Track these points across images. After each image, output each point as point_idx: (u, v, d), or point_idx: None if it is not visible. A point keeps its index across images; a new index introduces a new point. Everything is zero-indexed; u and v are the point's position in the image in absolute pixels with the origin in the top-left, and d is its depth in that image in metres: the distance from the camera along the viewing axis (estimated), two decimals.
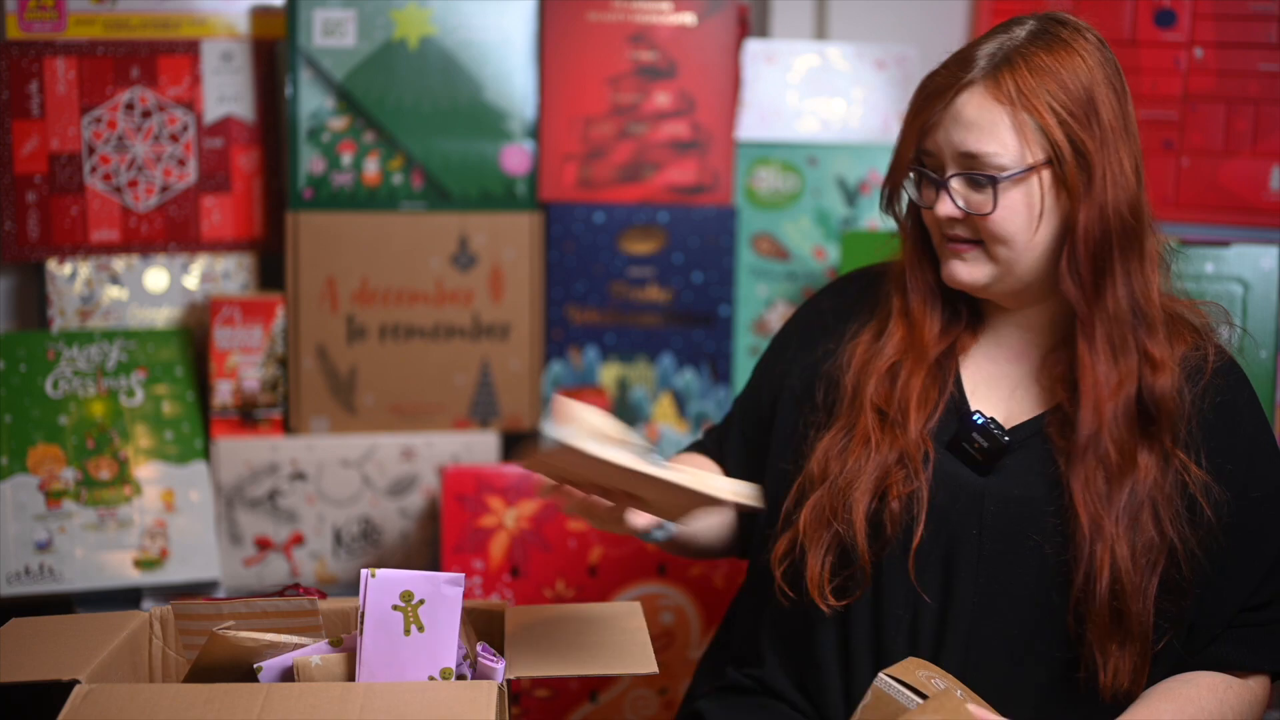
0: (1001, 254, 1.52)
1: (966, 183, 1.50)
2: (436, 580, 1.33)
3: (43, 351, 2.41)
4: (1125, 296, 1.51)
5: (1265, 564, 1.53)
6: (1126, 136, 1.51)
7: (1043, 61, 1.48)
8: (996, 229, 1.50)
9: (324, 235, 2.43)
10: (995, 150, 1.48)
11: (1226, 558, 1.50)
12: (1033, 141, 1.48)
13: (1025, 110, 1.47)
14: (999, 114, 1.48)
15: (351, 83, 2.43)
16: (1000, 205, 1.49)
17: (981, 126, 1.48)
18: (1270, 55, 2.36)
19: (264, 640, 1.34)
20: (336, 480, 2.45)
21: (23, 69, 2.38)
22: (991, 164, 1.48)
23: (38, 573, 2.32)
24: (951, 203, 1.51)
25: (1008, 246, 1.51)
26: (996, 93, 1.48)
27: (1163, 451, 1.50)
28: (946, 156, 1.51)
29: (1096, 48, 1.52)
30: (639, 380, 2.52)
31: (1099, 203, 1.49)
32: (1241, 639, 1.52)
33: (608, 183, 2.49)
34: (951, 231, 1.53)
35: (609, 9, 2.48)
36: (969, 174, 1.49)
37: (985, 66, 1.49)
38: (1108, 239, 1.50)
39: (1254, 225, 2.39)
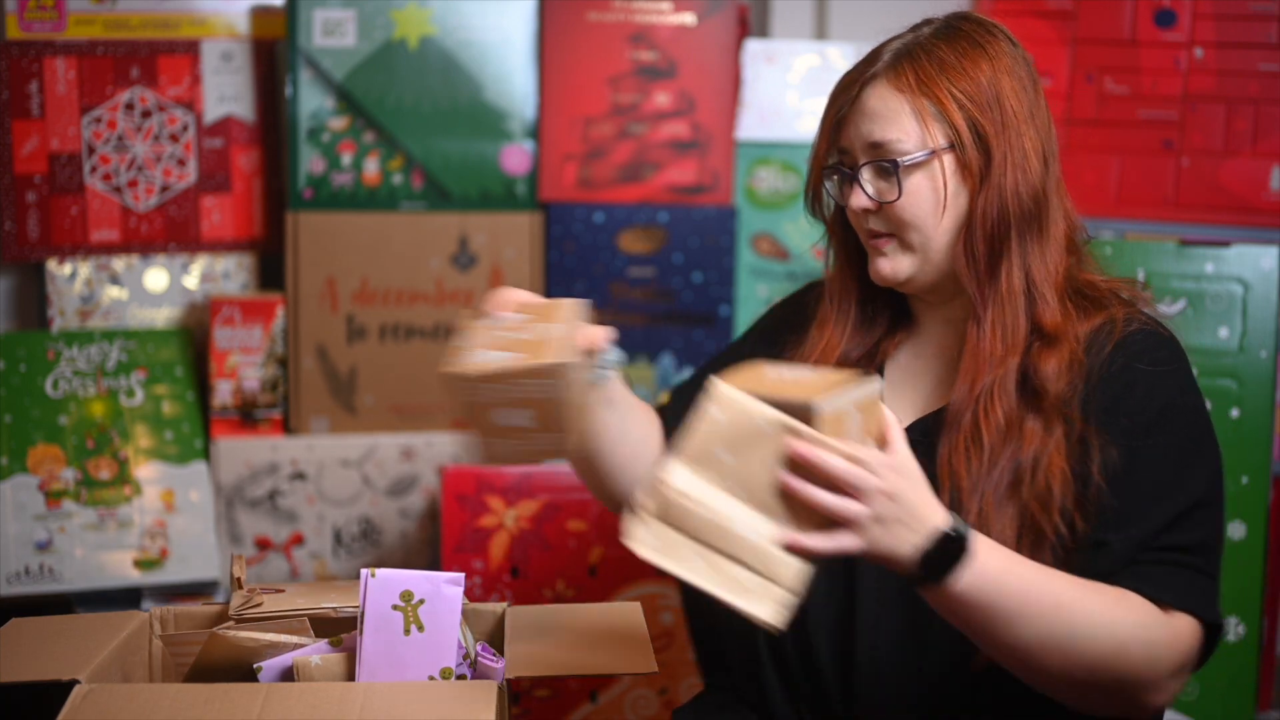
0: (915, 241, 1.54)
1: (875, 172, 1.54)
2: (436, 580, 1.33)
3: (43, 351, 2.41)
4: (1020, 278, 1.53)
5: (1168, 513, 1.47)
6: (1033, 125, 1.53)
7: (944, 53, 1.53)
8: (904, 215, 1.53)
9: (324, 235, 2.43)
10: (898, 137, 1.51)
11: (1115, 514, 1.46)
12: (934, 127, 1.52)
13: (925, 97, 1.52)
14: (900, 102, 1.52)
15: (351, 83, 2.43)
16: (905, 191, 1.52)
17: (884, 115, 1.52)
18: (1270, 55, 2.36)
19: (264, 640, 1.34)
20: (336, 480, 2.45)
21: (23, 69, 2.38)
22: (895, 150, 1.52)
23: (38, 573, 2.32)
24: (864, 194, 1.54)
25: (919, 232, 1.53)
26: (897, 82, 1.53)
27: (1049, 419, 1.49)
28: (857, 149, 1.55)
29: (1002, 41, 1.56)
30: (639, 380, 2.52)
31: (997, 187, 1.52)
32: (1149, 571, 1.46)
33: (608, 183, 2.49)
34: (869, 225, 1.56)
35: (609, 9, 2.48)
36: (876, 162, 1.53)
37: (888, 60, 1.54)
38: (1005, 222, 1.52)
39: (1254, 225, 2.39)
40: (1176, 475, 1.49)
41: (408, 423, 2.48)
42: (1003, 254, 1.52)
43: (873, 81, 1.54)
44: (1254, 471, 2.25)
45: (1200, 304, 2.28)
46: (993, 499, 1.46)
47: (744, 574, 1.28)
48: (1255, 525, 2.25)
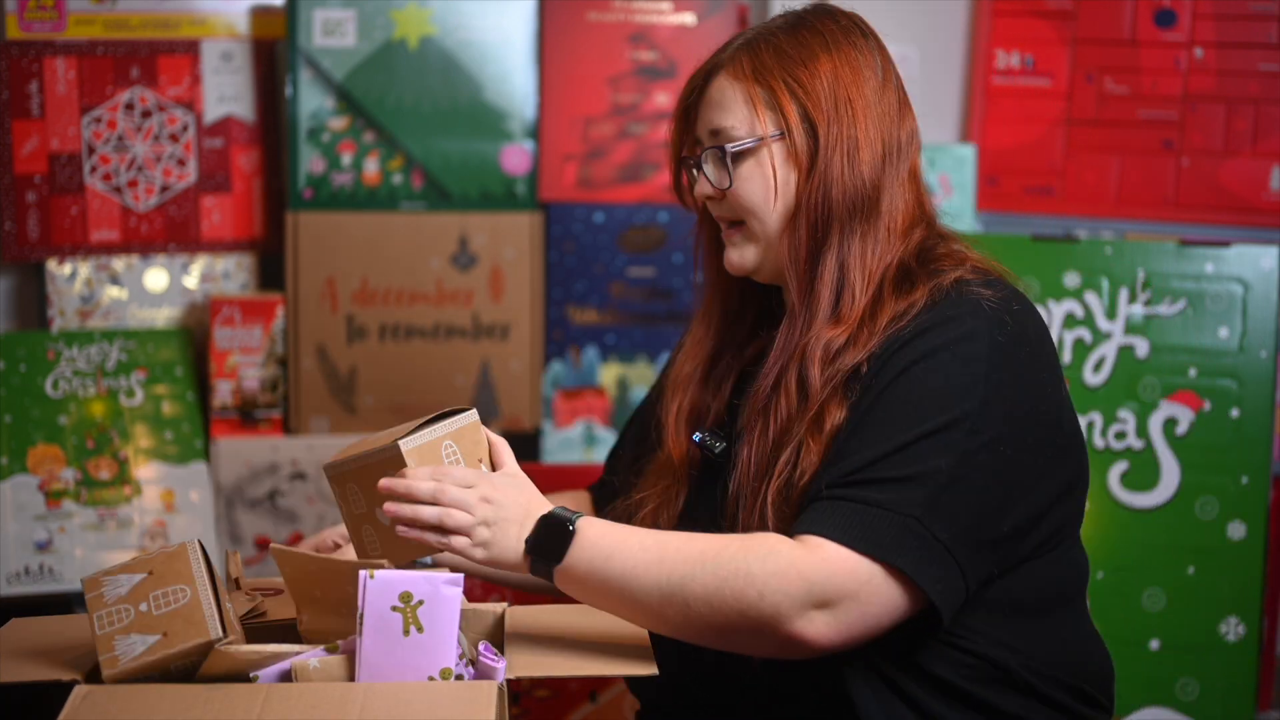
0: (756, 229, 1.54)
1: (713, 160, 1.55)
2: (435, 581, 1.33)
3: (43, 351, 2.41)
4: (834, 270, 1.51)
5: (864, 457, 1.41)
6: (871, 115, 1.52)
7: (782, 43, 1.54)
8: (738, 201, 1.54)
9: (324, 235, 2.44)
10: (732, 124, 1.53)
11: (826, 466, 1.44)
12: (765, 115, 1.52)
13: (759, 85, 1.52)
14: (736, 90, 1.53)
15: (351, 83, 2.43)
16: (737, 177, 1.52)
17: (722, 104, 1.54)
18: (1270, 55, 2.36)
19: (266, 652, 1.34)
20: None
21: (23, 69, 2.38)
22: (729, 138, 1.53)
23: (38, 573, 2.32)
24: (707, 182, 1.55)
25: (757, 219, 1.54)
26: (735, 71, 1.54)
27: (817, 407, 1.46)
28: (702, 139, 1.56)
29: (852, 33, 1.56)
30: (639, 380, 2.52)
31: (822, 176, 1.51)
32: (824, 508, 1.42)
33: (608, 183, 2.49)
34: (718, 213, 1.57)
35: (609, 9, 2.48)
36: (712, 148, 1.54)
37: (731, 51, 1.56)
38: (828, 212, 1.51)
39: (1254, 225, 2.39)
40: (886, 423, 1.42)
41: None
42: (824, 244, 1.51)
43: (716, 71, 1.56)
44: (1254, 471, 2.25)
45: (1200, 304, 2.28)
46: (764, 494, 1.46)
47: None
48: (1255, 525, 2.24)
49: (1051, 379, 1.47)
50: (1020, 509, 1.41)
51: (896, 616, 1.38)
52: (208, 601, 1.35)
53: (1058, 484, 1.45)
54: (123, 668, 1.33)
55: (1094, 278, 2.31)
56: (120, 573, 1.37)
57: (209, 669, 1.34)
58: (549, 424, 2.51)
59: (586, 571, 1.40)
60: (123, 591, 1.36)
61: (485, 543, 1.40)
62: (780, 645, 1.37)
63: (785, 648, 1.37)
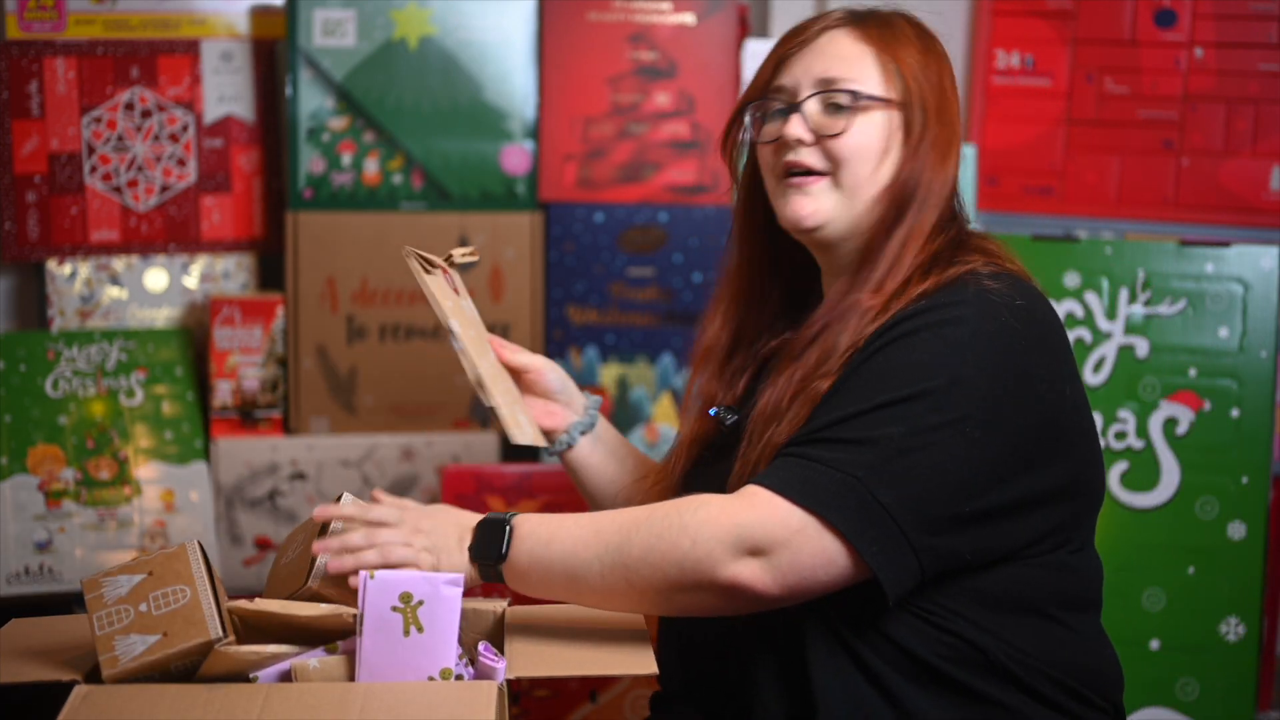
0: (847, 181, 1.51)
1: (823, 105, 1.52)
2: (435, 581, 1.33)
3: (43, 351, 2.41)
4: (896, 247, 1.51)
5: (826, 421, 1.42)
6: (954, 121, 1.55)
7: (903, 28, 1.56)
8: (845, 150, 1.50)
9: (324, 235, 2.43)
10: (856, 76, 1.51)
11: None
12: (892, 82, 1.52)
13: (888, 54, 1.52)
14: (864, 50, 1.53)
15: (351, 83, 2.43)
16: (855, 127, 1.50)
17: (845, 58, 1.52)
18: (1270, 55, 2.36)
19: (266, 652, 1.34)
20: (336, 480, 2.45)
21: (23, 69, 2.38)
22: (850, 88, 1.51)
23: (38, 573, 2.32)
24: (803, 123, 1.51)
25: (853, 172, 1.51)
26: (863, 35, 1.53)
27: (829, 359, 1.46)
28: (802, 85, 1.53)
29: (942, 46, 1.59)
30: (639, 380, 2.52)
31: (923, 161, 1.52)
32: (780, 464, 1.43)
33: (608, 183, 2.49)
34: (800, 158, 1.52)
35: (609, 9, 2.48)
36: (829, 92, 1.51)
37: (850, 16, 1.55)
38: (913, 195, 1.51)
39: (1254, 225, 2.39)
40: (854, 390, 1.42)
41: (408, 423, 2.48)
42: (899, 221, 1.51)
43: (833, 29, 1.54)
44: (1254, 471, 2.25)
45: (1200, 304, 2.28)
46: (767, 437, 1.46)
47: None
48: (1255, 525, 2.24)
49: (1052, 375, 1.45)
50: (991, 494, 1.39)
51: (835, 574, 1.37)
52: (207, 601, 1.35)
53: (1049, 481, 1.43)
54: (123, 668, 1.33)
55: (1094, 278, 2.31)
56: (120, 573, 1.38)
57: (209, 669, 1.34)
58: None
59: (529, 562, 1.43)
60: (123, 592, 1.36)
61: (434, 566, 1.41)
62: (721, 595, 1.38)
63: (727, 597, 1.38)
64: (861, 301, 1.48)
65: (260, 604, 1.36)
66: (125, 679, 1.33)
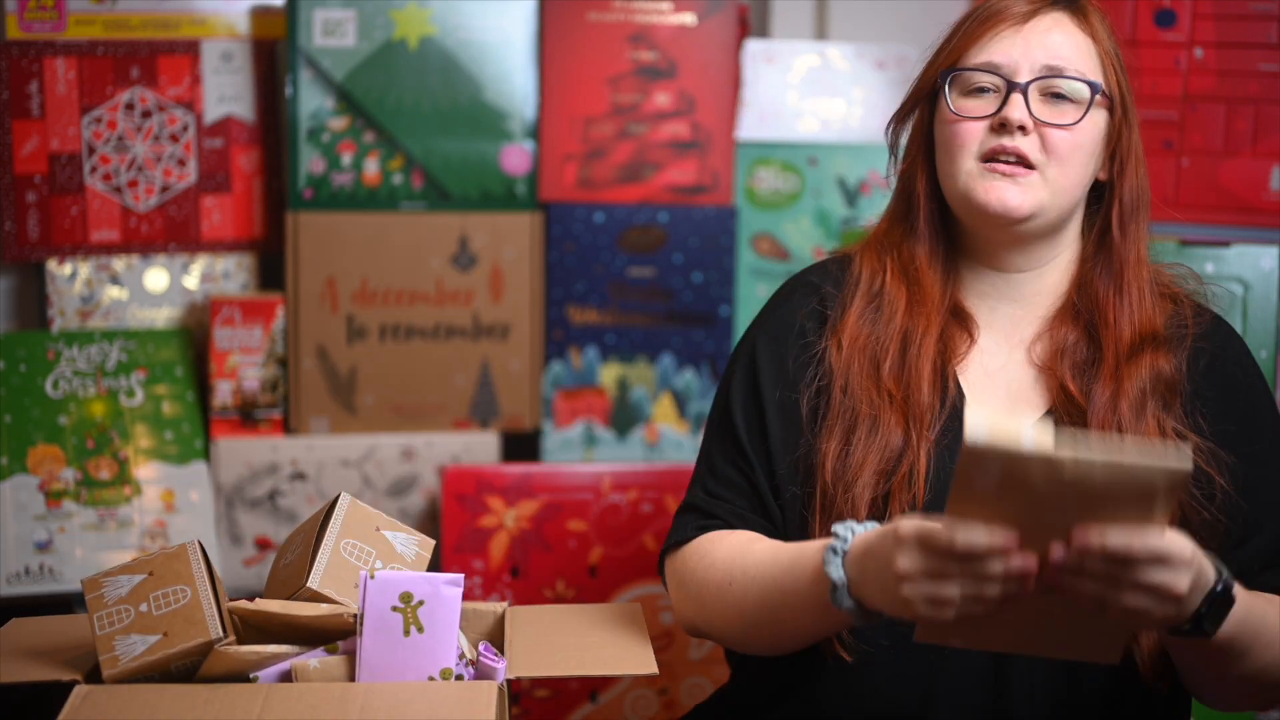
0: (1059, 178, 1.45)
1: (1048, 92, 1.45)
2: (435, 581, 1.33)
3: (43, 351, 2.41)
4: (1144, 258, 1.50)
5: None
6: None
7: (1102, 15, 1.51)
8: (1066, 145, 1.44)
9: (324, 235, 2.43)
10: (1083, 69, 1.46)
11: (1247, 515, 1.45)
12: (1108, 80, 1.48)
13: (1100, 48, 1.48)
14: (1084, 40, 1.48)
15: (351, 83, 2.43)
16: (1085, 121, 1.45)
17: (1073, 45, 1.46)
18: (1270, 55, 2.36)
19: (266, 652, 1.34)
20: (336, 480, 2.45)
21: (23, 69, 2.38)
22: (1089, 79, 1.45)
23: (38, 573, 2.32)
24: (1026, 108, 1.44)
25: (1067, 170, 1.45)
26: (1082, 22, 1.48)
27: (1161, 422, 1.45)
28: (1023, 67, 1.45)
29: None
30: (639, 380, 2.52)
31: (1137, 158, 1.50)
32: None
33: (608, 183, 2.49)
34: (1010, 144, 1.44)
35: (609, 9, 2.48)
36: (1063, 77, 1.44)
37: (1071, 3, 1.49)
38: (1140, 198, 1.50)
39: (1254, 225, 2.39)
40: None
41: (408, 423, 2.48)
42: (1132, 230, 1.49)
43: (1052, 10, 1.48)
44: None
45: None
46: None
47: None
48: None
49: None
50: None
51: None
52: (208, 601, 1.35)
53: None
54: (123, 668, 1.33)
55: None
56: (120, 573, 1.38)
57: (209, 669, 1.34)
58: (549, 424, 2.51)
59: (1223, 641, 1.30)
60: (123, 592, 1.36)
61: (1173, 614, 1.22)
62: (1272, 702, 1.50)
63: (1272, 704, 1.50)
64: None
65: (260, 604, 1.36)
66: (125, 679, 1.33)
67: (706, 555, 1.50)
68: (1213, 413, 1.47)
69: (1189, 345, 1.49)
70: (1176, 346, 1.49)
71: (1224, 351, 1.51)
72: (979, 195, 1.46)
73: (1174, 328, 1.50)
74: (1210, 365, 1.49)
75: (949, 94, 1.49)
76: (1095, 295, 1.50)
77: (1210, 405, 1.47)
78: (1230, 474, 1.44)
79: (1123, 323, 1.48)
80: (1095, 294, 1.50)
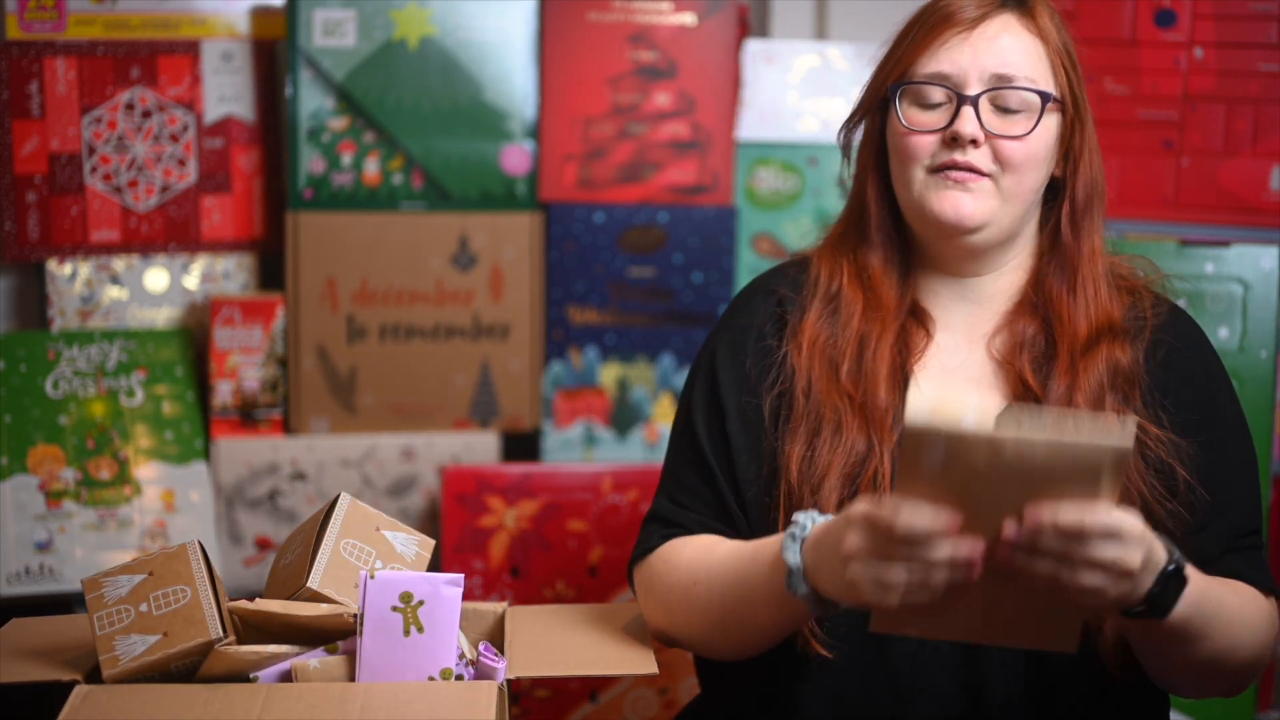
0: (1012, 188, 1.45)
1: (997, 103, 1.45)
2: (435, 581, 1.33)
3: (43, 351, 2.41)
4: (1098, 256, 1.51)
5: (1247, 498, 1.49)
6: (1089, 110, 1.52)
7: (1052, 10, 1.50)
8: (1022, 155, 1.44)
9: (324, 235, 2.43)
10: (1033, 76, 1.45)
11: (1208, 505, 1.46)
12: (1058, 80, 1.48)
13: (1050, 48, 1.47)
14: (1033, 42, 1.46)
15: (351, 83, 2.43)
16: (1037, 130, 1.44)
17: (1022, 50, 1.45)
18: (1270, 55, 2.36)
19: (265, 652, 1.34)
20: (336, 480, 2.45)
21: (23, 69, 2.38)
22: (1038, 89, 1.44)
23: (38, 573, 2.32)
24: (977, 123, 1.43)
25: (1020, 178, 1.45)
26: (1030, 23, 1.47)
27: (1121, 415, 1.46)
28: (972, 77, 1.44)
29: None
30: (639, 380, 2.52)
31: (1091, 152, 1.49)
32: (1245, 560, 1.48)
33: (608, 183, 2.49)
34: (963, 159, 1.44)
35: (609, 9, 2.48)
36: (1013, 88, 1.43)
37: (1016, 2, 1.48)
38: (1092, 196, 1.50)
39: (1254, 225, 2.39)
40: (1243, 457, 1.50)
41: (408, 423, 2.48)
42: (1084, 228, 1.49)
43: (999, 14, 1.46)
44: None
45: (1200, 304, 2.28)
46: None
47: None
48: None
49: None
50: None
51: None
52: (208, 601, 1.35)
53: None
54: (123, 668, 1.33)
55: None
56: (120, 573, 1.38)
57: (209, 669, 1.34)
58: (549, 424, 2.51)
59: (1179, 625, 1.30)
60: (123, 592, 1.36)
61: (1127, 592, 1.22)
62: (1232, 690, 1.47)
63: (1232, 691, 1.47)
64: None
65: (260, 604, 1.36)
66: (125, 679, 1.33)
67: (670, 559, 1.51)
68: (1173, 403, 1.48)
69: (1147, 337, 1.50)
70: (1134, 338, 1.50)
71: (1182, 341, 1.51)
72: (932, 205, 1.46)
73: (1132, 320, 1.51)
74: (1169, 356, 1.50)
75: (899, 106, 1.48)
76: (1049, 293, 1.50)
77: (1170, 396, 1.48)
78: (1191, 464, 1.46)
79: (1078, 319, 1.48)
80: (1049, 292, 1.51)
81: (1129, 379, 1.47)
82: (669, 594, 1.50)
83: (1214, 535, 1.46)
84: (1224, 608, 1.37)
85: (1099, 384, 1.46)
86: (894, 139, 1.50)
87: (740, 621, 1.43)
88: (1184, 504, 1.45)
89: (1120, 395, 1.47)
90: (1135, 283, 1.55)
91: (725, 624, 1.45)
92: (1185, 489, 1.45)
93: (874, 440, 1.44)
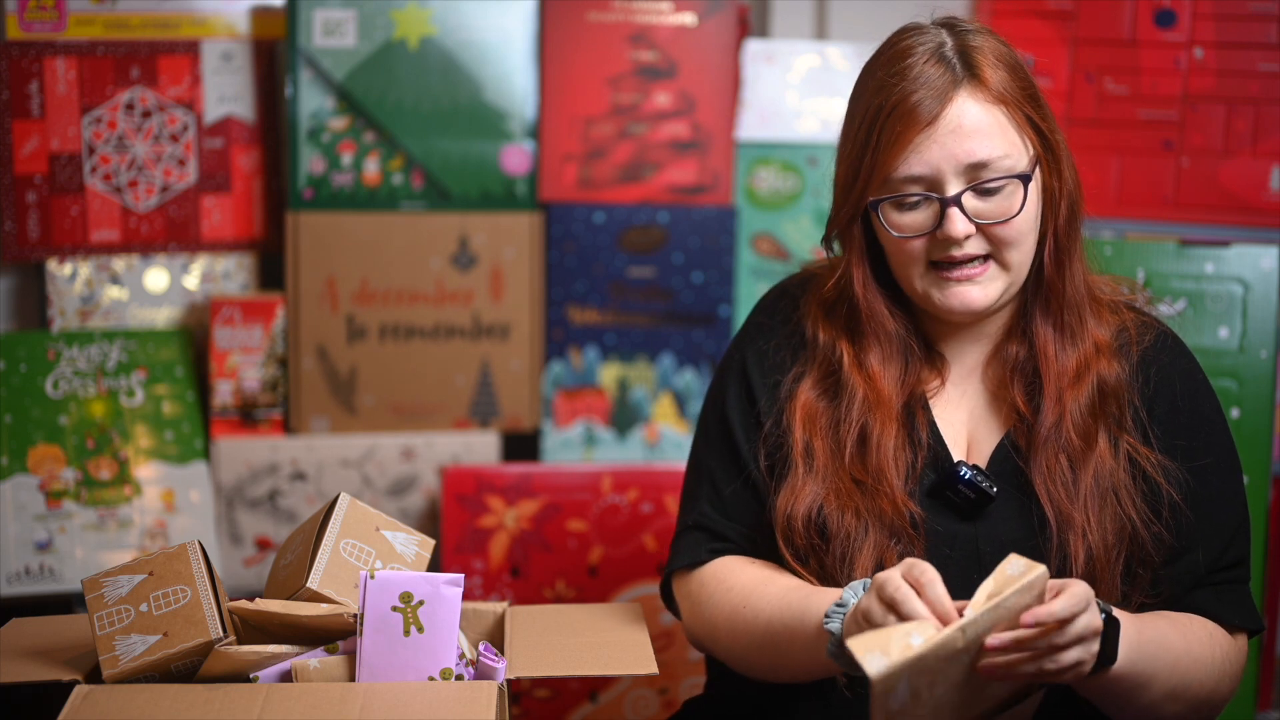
0: (1014, 260, 1.46)
1: (978, 194, 1.43)
2: (436, 581, 1.33)
3: (43, 351, 2.41)
4: (1080, 282, 1.51)
5: (1229, 527, 1.51)
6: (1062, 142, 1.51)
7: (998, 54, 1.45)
8: (1017, 232, 1.44)
9: (324, 235, 2.44)
10: (1006, 152, 1.43)
11: (1193, 527, 1.48)
12: (1028, 138, 1.46)
13: (1011, 109, 1.44)
14: (993, 113, 1.43)
15: (351, 83, 2.43)
16: (1025, 206, 1.44)
17: (987, 131, 1.42)
18: (1270, 55, 2.36)
19: (265, 652, 1.34)
20: (336, 480, 2.45)
21: (23, 69, 2.38)
22: (1004, 167, 1.42)
23: (38, 573, 2.32)
24: (965, 220, 1.42)
25: (1020, 250, 1.46)
26: (985, 92, 1.43)
27: (1112, 436, 1.48)
28: (948, 174, 1.43)
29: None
30: (639, 380, 2.52)
31: (1068, 187, 1.49)
32: (1217, 595, 1.49)
33: (608, 183, 2.49)
34: (960, 253, 1.44)
35: (609, 9, 2.48)
36: (990, 181, 1.42)
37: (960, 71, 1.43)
38: (1072, 222, 1.50)
39: (1254, 225, 2.39)
40: (1230, 488, 1.51)
41: (408, 423, 2.48)
42: (1069, 257, 1.49)
43: (956, 97, 1.42)
44: (1254, 471, 2.25)
45: (1200, 304, 2.28)
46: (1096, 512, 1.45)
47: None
48: (1255, 526, 2.24)
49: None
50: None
51: None
52: (208, 601, 1.35)
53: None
54: (123, 668, 1.33)
55: None
56: (120, 573, 1.38)
57: (209, 669, 1.34)
58: (549, 424, 2.51)
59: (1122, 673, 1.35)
60: (123, 592, 1.36)
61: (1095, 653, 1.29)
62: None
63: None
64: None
65: (260, 604, 1.36)
66: (125, 679, 1.33)
67: (726, 580, 1.54)
68: (1163, 428, 1.50)
69: (1135, 356, 1.52)
70: (1122, 356, 1.52)
71: (1172, 366, 1.53)
72: (939, 301, 1.48)
73: (1121, 341, 1.53)
74: (1160, 380, 1.51)
75: (882, 215, 1.47)
76: (1035, 332, 1.52)
77: (1159, 420, 1.50)
78: (1179, 486, 1.48)
79: (1065, 360, 1.50)
80: (1035, 330, 1.52)
81: (1117, 397, 1.49)
82: (716, 612, 1.53)
83: (1186, 567, 1.48)
84: (1165, 647, 1.40)
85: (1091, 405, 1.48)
86: (886, 239, 1.50)
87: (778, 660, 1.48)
88: (1167, 527, 1.47)
89: (1110, 417, 1.49)
90: (1118, 301, 1.57)
91: (763, 658, 1.50)
92: (1170, 511, 1.47)
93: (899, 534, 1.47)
